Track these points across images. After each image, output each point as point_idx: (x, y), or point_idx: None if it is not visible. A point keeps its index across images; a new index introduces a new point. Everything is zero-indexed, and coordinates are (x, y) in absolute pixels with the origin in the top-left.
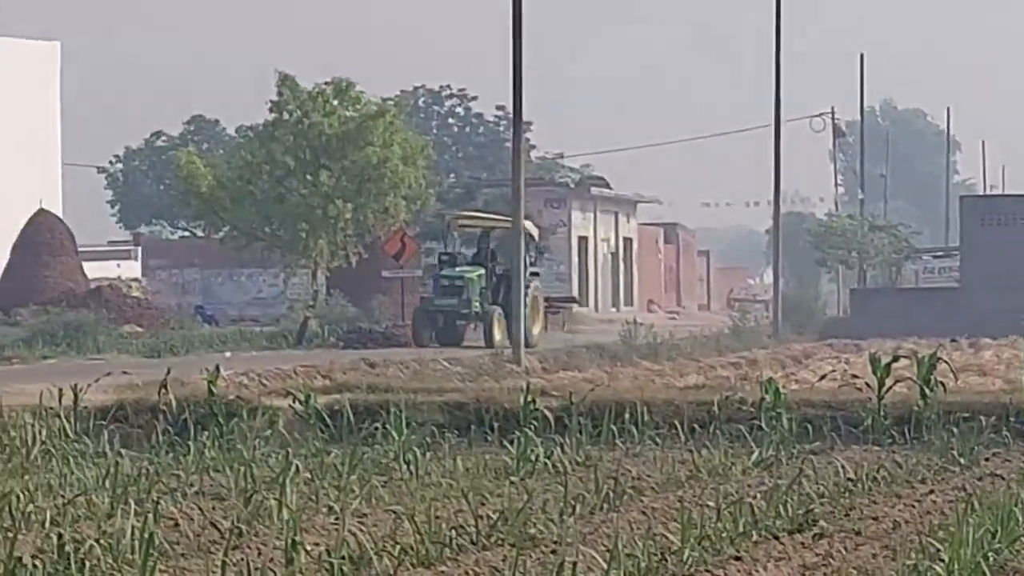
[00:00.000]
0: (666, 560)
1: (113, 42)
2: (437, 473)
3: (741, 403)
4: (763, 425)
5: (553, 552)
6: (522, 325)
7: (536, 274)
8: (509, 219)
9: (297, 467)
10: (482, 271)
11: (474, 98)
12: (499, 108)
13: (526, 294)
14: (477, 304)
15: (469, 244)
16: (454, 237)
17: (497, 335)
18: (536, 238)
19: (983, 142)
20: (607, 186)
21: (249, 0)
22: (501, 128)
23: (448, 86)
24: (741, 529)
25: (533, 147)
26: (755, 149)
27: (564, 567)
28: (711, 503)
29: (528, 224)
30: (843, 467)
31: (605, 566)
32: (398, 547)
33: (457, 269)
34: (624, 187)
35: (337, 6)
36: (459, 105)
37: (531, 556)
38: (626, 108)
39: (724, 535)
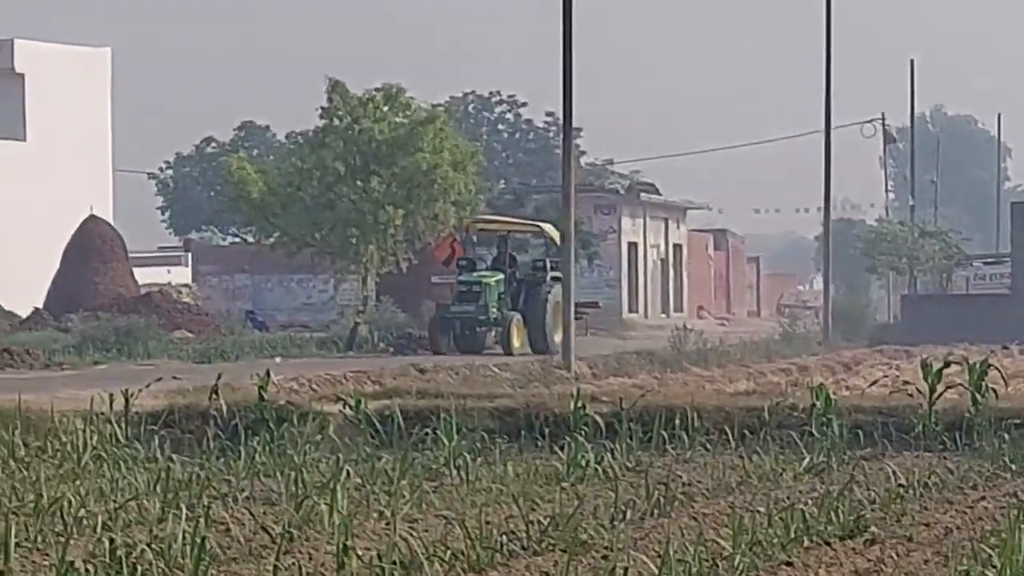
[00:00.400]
0: (717, 566)
1: (164, 48)
2: (488, 478)
3: (792, 409)
4: (814, 431)
5: (604, 558)
6: (572, 331)
7: (558, 279)
8: (528, 223)
9: (348, 472)
10: (500, 276)
11: (524, 104)
12: (549, 114)
13: (547, 300)
14: (495, 310)
15: (514, 248)
16: (473, 241)
17: (516, 342)
18: (558, 243)
19: None
20: (657, 192)
21: (299, 6)
22: (551, 134)
23: (498, 92)
24: (792, 535)
25: (583, 153)
26: (805, 155)
27: (615, 573)
28: (762, 509)
29: (549, 228)
30: (894, 473)
31: (656, 572)
32: (449, 552)
33: (474, 274)
34: (674, 193)
35: (387, 12)
36: (509, 111)
37: (582, 561)
38: (676, 114)
39: (775, 541)
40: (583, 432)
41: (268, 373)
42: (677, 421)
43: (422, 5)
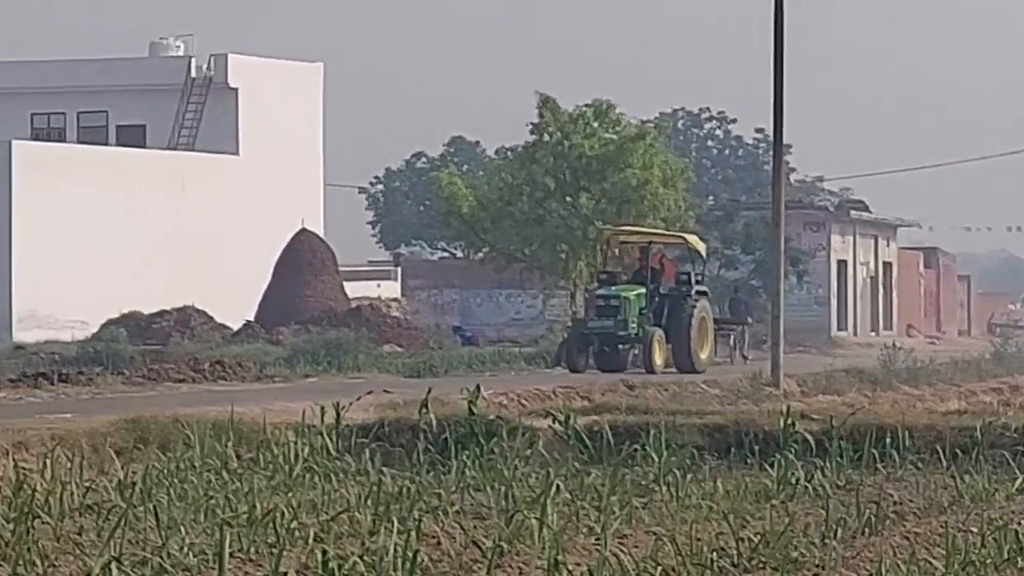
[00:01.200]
0: None
1: (375, 64)
2: (697, 495)
3: (1004, 429)
4: None
5: None
6: (779, 350)
7: (703, 293)
8: (672, 234)
9: (558, 487)
10: (641, 290)
11: (733, 121)
12: (758, 131)
13: (691, 315)
14: (635, 325)
15: (682, 261)
16: (614, 254)
17: (657, 359)
18: (704, 255)
19: None
20: (867, 209)
21: (511, 22)
22: (760, 151)
23: (707, 108)
24: (1006, 556)
25: (792, 170)
26: (1017, 173)
27: None
28: (975, 529)
29: (694, 239)
30: None
31: None
32: (659, 569)
33: (613, 288)
34: (884, 211)
35: (597, 29)
36: (718, 128)
37: None
38: (886, 131)
39: (988, 561)
40: (793, 449)
41: (478, 387)
42: (888, 439)
43: (633, 22)
